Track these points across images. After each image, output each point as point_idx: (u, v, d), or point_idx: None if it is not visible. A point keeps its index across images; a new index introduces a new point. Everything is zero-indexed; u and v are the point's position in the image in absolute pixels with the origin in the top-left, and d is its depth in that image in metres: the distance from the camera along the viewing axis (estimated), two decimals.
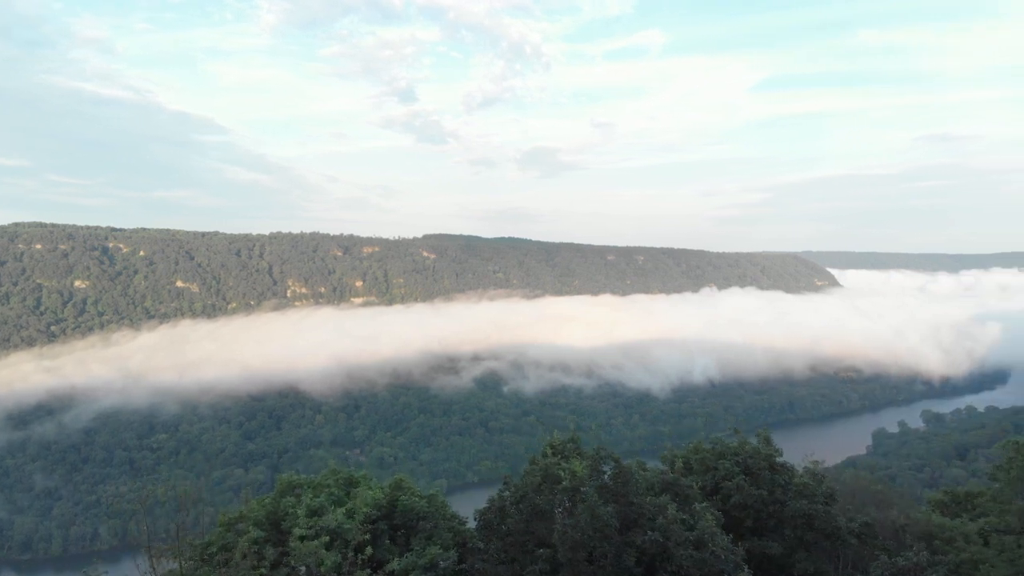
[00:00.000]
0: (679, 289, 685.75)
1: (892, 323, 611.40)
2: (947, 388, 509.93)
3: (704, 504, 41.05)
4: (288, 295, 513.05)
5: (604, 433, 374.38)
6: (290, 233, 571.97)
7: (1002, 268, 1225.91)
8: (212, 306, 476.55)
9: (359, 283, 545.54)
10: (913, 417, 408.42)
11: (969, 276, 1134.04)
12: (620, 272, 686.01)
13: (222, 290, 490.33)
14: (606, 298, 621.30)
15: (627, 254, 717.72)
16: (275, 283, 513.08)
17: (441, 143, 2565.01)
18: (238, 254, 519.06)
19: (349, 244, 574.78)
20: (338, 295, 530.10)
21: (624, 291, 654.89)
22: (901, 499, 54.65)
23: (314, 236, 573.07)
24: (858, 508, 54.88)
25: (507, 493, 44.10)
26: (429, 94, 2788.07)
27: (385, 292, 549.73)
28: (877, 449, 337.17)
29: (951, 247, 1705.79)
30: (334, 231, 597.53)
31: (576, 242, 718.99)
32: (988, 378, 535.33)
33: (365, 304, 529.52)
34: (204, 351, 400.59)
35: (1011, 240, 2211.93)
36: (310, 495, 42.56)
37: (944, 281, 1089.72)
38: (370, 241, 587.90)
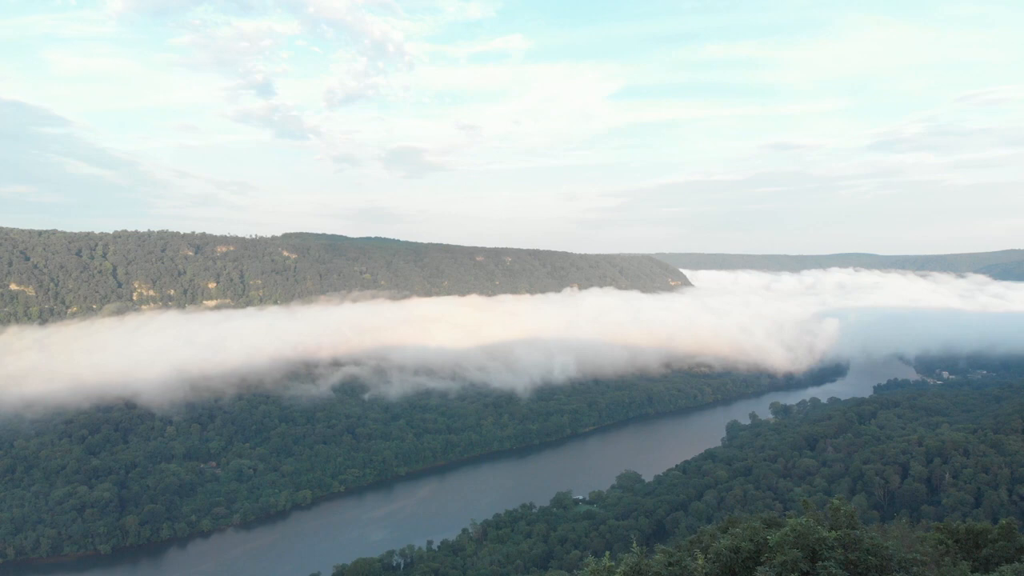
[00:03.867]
0: (544, 289, 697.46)
1: (740, 320, 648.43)
2: (792, 381, 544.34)
3: None
4: (134, 298, 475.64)
5: (475, 434, 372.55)
6: (136, 232, 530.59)
7: (839, 268, 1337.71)
8: (50, 310, 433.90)
9: (212, 285, 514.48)
10: (763, 409, 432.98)
11: (810, 276, 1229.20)
12: (489, 273, 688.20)
13: (61, 293, 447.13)
14: (473, 299, 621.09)
15: (496, 255, 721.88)
16: (120, 285, 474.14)
17: (301, 139, 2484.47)
18: (79, 254, 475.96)
19: (201, 243, 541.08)
20: (189, 297, 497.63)
21: (492, 291, 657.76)
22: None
23: (163, 235, 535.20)
24: None
25: None
26: (288, 88, 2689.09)
27: (242, 294, 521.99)
28: (732, 441, 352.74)
29: (793, 248, 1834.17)
30: (185, 229, 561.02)
31: (446, 243, 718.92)
32: (829, 371, 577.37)
33: (219, 307, 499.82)
34: (28, 362, 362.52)
35: (847, 241, 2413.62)
36: None
37: (787, 280, 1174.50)
38: (224, 240, 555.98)
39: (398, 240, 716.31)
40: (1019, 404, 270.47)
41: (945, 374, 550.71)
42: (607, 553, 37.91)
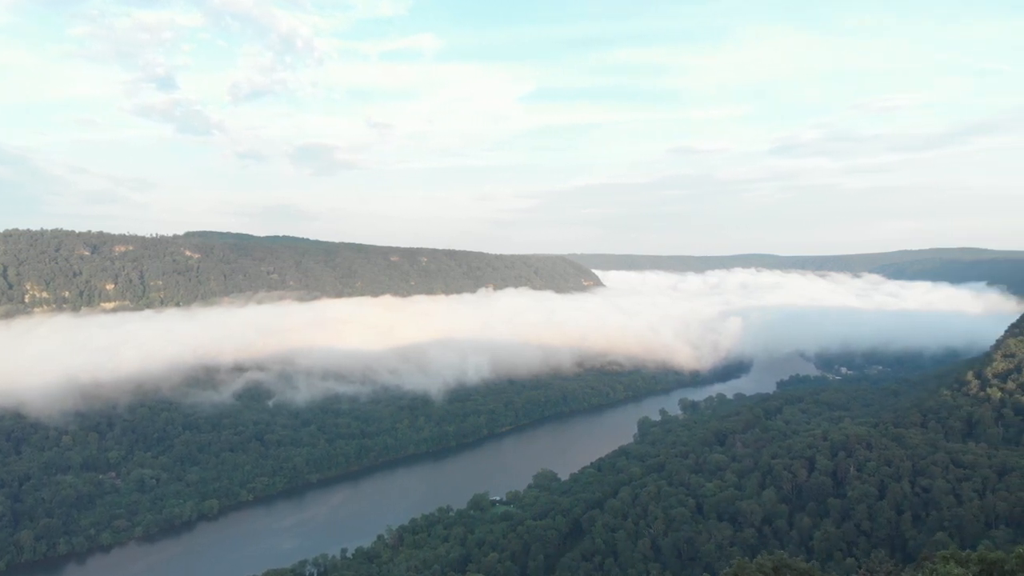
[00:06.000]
0: (460, 290, 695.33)
1: (648, 320, 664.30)
2: (698, 378, 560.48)
3: None
4: (26, 300, 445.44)
5: (390, 438, 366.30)
6: (28, 230, 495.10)
7: (742, 268, 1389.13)
8: None
9: (110, 286, 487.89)
10: (672, 405, 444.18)
11: (714, 276, 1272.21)
12: (404, 273, 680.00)
13: None
14: (386, 299, 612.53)
15: (411, 255, 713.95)
16: (10, 287, 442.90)
17: (205, 134, 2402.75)
18: None
19: (98, 242, 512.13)
20: (85, 299, 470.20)
21: (408, 292, 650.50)
22: None
23: (56, 234, 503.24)
24: None
25: None
26: (191, 83, 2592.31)
27: (141, 295, 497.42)
28: (644, 437, 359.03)
29: (698, 250, 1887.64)
30: (80, 228, 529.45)
31: (359, 242, 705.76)
32: (733, 367, 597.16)
33: (118, 309, 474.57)
34: None
35: (749, 243, 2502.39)
36: None
37: (693, 280, 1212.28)
38: (123, 239, 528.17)
39: (308, 239, 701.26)
40: (916, 398, 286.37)
41: (843, 370, 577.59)
42: None
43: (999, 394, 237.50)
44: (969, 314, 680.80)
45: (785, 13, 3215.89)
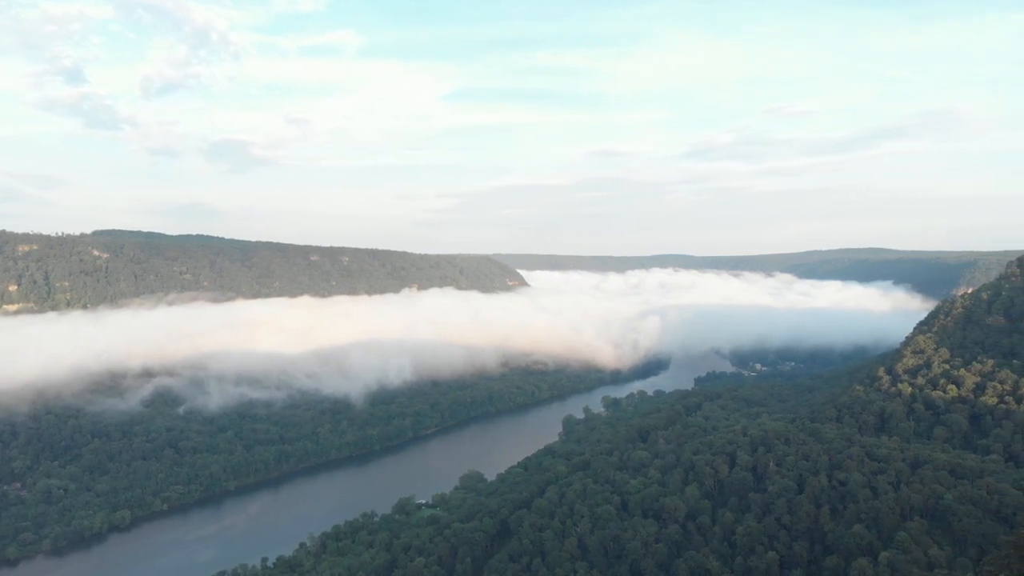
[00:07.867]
0: (383, 290, 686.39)
1: (572, 319, 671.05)
2: (619, 376, 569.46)
3: None
4: None
5: (310, 443, 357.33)
6: None
7: (660, 268, 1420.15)
8: None
9: (13, 288, 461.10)
10: (595, 403, 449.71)
11: (634, 276, 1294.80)
12: (325, 273, 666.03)
13: None
14: (305, 300, 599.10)
15: (332, 254, 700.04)
16: None
17: (114, 129, 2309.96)
18: None
19: (0, 242, 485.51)
20: None
21: (328, 292, 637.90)
22: None
23: None
24: None
25: None
26: (100, 76, 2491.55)
27: (46, 297, 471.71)
28: (569, 435, 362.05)
29: (618, 250, 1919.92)
30: None
31: (277, 241, 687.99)
32: (652, 365, 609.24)
33: (21, 311, 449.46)
34: None
35: (667, 244, 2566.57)
36: None
37: (614, 280, 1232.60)
38: (27, 238, 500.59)
39: (223, 238, 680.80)
40: (830, 394, 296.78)
41: (758, 366, 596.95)
42: None
43: (909, 389, 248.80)
44: (876, 312, 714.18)
45: (701, 19, 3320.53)
